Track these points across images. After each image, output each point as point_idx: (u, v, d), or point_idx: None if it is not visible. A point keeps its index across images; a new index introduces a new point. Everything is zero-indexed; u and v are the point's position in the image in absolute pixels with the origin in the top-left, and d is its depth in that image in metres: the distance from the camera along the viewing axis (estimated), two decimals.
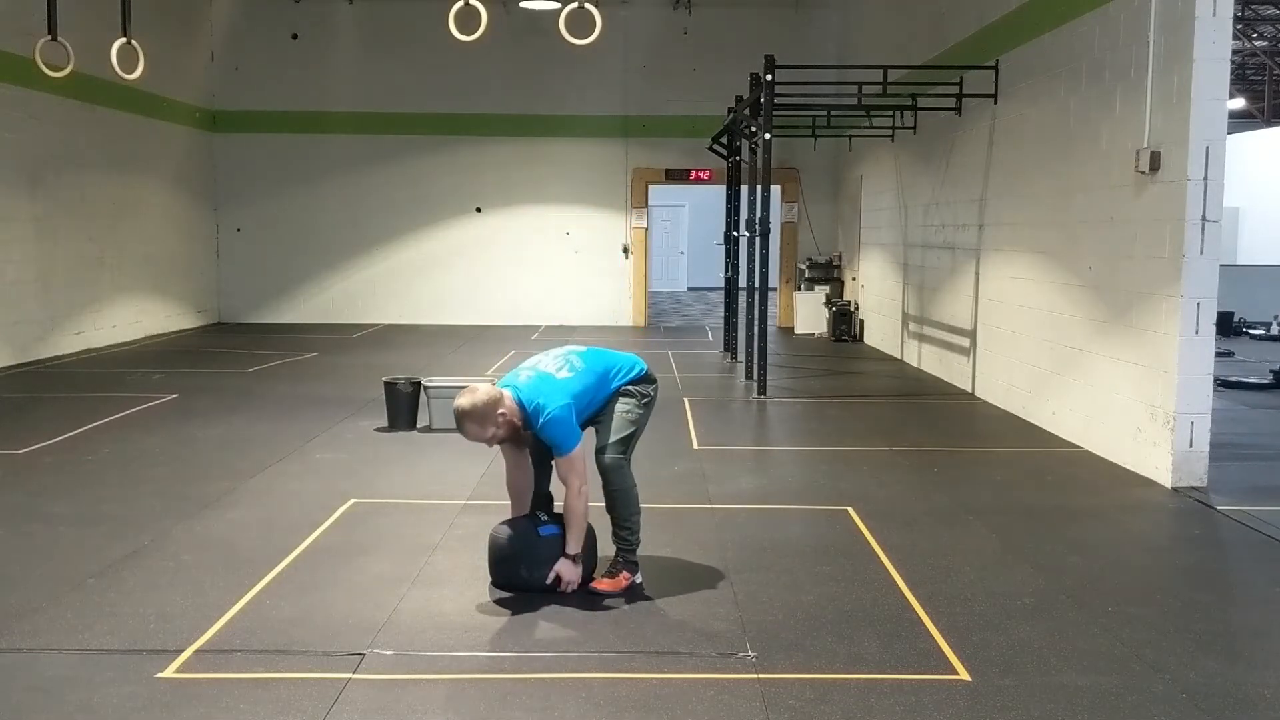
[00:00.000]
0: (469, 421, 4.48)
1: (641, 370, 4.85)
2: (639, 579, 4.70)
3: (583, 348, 4.88)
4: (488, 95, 17.22)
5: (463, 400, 4.49)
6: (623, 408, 4.72)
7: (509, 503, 4.92)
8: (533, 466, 4.85)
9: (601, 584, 4.65)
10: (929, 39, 11.84)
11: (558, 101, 17.32)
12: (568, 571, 4.57)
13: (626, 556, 4.70)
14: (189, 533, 5.51)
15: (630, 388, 4.76)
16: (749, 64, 11.69)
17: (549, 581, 4.57)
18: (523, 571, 4.62)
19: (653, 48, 17.31)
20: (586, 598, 4.58)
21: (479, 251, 17.53)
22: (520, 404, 4.53)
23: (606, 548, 4.78)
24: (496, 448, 4.75)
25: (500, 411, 4.48)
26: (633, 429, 4.72)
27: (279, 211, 17.48)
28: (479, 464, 7.08)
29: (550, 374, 4.61)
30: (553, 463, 4.67)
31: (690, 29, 17.31)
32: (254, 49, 17.23)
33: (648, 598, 4.60)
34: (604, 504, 4.74)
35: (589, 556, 4.71)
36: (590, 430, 4.76)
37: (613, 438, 4.68)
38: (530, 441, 4.77)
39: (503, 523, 4.79)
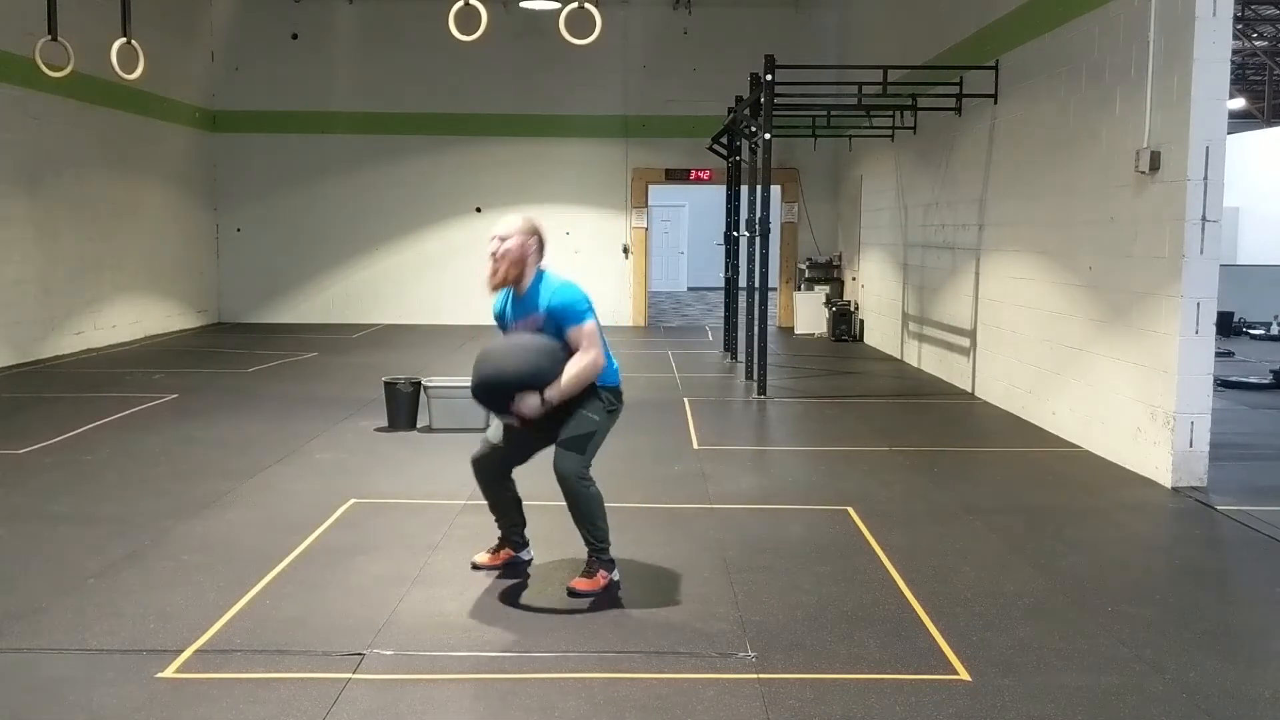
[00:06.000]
0: (514, 223, 4.67)
1: (617, 379, 4.74)
2: (617, 576, 4.68)
3: None
4: (488, 95, 17.21)
5: (517, 216, 4.76)
6: (588, 408, 4.57)
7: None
8: (502, 464, 4.77)
9: (580, 584, 4.61)
10: (929, 39, 11.84)
11: (558, 101, 17.31)
12: (531, 402, 4.42)
13: (600, 556, 4.64)
14: (189, 533, 5.51)
15: (603, 391, 4.63)
16: (749, 64, 11.70)
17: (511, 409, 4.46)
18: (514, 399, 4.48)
19: (653, 48, 17.31)
20: (586, 598, 4.58)
21: (479, 251, 17.42)
22: (544, 272, 4.68)
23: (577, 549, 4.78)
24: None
25: (535, 239, 4.67)
26: (593, 430, 4.57)
27: (279, 211, 17.47)
28: None
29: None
30: (567, 337, 4.52)
31: (690, 29, 17.30)
32: (254, 49, 17.22)
33: (648, 598, 4.59)
34: (566, 506, 4.64)
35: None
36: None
37: (572, 433, 4.54)
38: (509, 439, 4.69)
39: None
